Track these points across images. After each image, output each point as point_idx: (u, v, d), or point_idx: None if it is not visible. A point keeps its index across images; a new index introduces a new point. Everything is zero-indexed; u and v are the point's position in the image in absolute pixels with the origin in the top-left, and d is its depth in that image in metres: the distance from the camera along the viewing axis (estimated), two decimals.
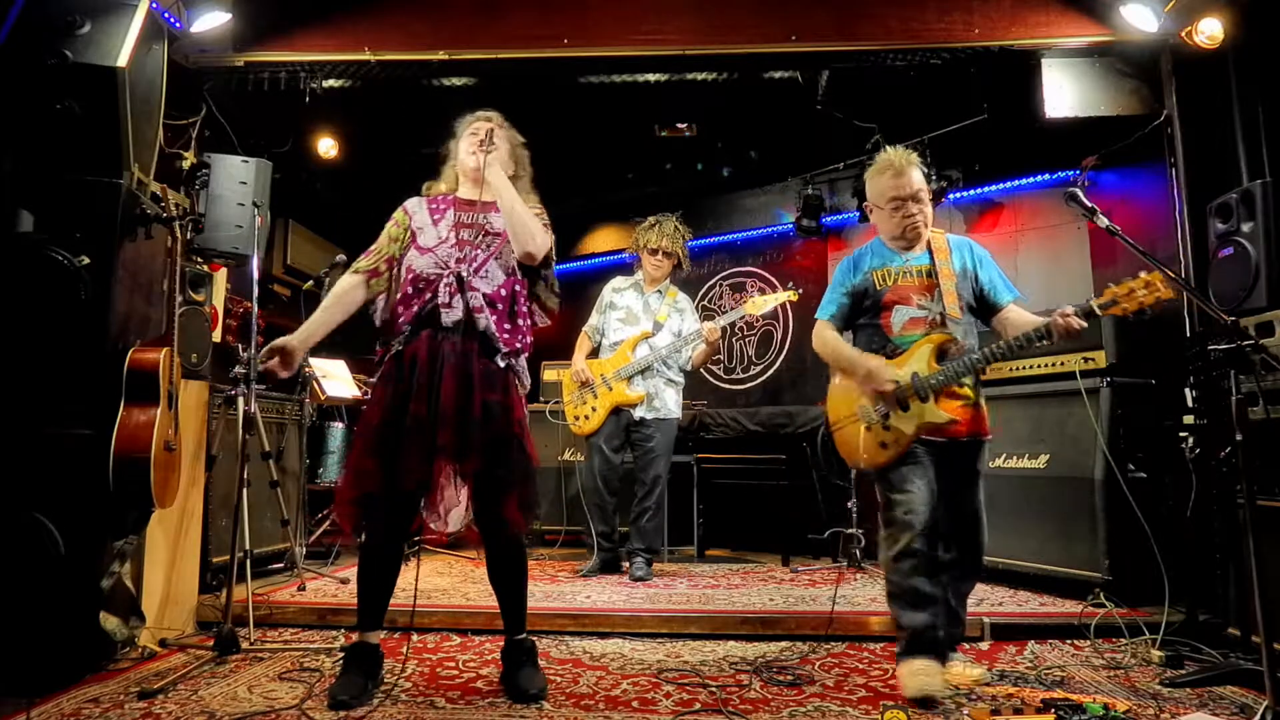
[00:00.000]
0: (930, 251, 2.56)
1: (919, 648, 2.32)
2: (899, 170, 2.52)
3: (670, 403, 4.14)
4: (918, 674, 2.27)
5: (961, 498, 2.47)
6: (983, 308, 2.58)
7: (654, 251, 4.17)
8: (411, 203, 2.50)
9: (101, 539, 2.57)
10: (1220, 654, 2.58)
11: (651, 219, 4.28)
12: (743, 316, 4.27)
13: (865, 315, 2.60)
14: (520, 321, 2.37)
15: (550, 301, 2.49)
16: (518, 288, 2.39)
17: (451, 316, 2.26)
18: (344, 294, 2.39)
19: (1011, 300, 2.55)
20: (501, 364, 2.32)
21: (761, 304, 4.10)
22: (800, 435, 4.67)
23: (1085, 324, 2.32)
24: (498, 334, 2.30)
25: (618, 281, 4.35)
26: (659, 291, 4.23)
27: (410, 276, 2.34)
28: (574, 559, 4.58)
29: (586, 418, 4.11)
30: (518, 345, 2.36)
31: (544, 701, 2.25)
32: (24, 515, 2.35)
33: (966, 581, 2.56)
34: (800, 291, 4.20)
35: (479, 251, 2.35)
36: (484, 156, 2.35)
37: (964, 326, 2.51)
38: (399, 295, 2.36)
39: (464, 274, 2.29)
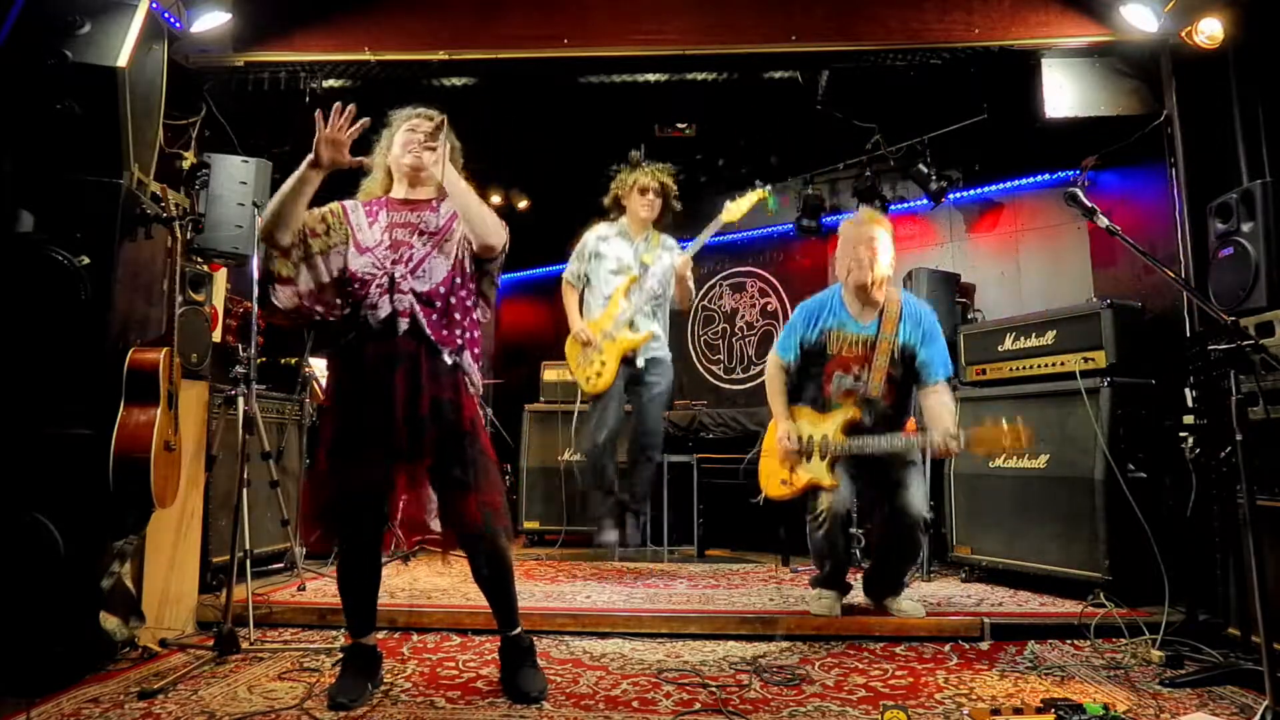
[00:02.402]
0: (880, 320, 2.91)
1: (825, 583, 3.09)
2: (861, 221, 3.01)
3: (666, 344, 4.02)
4: (822, 598, 3.05)
5: (887, 500, 2.93)
6: (913, 378, 2.94)
7: (644, 190, 3.94)
8: (347, 203, 2.42)
9: (101, 539, 2.57)
10: (1220, 654, 2.58)
11: (634, 161, 4.06)
12: (720, 228, 4.03)
13: (813, 366, 3.01)
14: (459, 317, 2.31)
15: (490, 294, 2.44)
16: (458, 281, 2.33)
17: (377, 316, 2.23)
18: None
19: (935, 382, 2.88)
20: (449, 361, 2.27)
21: (735, 210, 3.93)
22: None
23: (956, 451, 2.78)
24: (434, 333, 2.25)
25: (601, 229, 4.04)
26: (645, 238, 4.02)
27: (347, 274, 2.28)
28: (574, 559, 4.58)
29: (599, 374, 3.90)
30: (458, 343, 2.30)
31: (544, 702, 2.25)
32: (24, 515, 2.35)
33: (906, 563, 3.10)
34: (769, 188, 4.13)
35: (414, 251, 2.30)
36: (432, 154, 2.28)
37: (890, 398, 2.92)
38: (333, 295, 2.29)
39: (397, 275, 2.26)
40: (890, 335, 2.88)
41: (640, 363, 3.91)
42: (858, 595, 3.48)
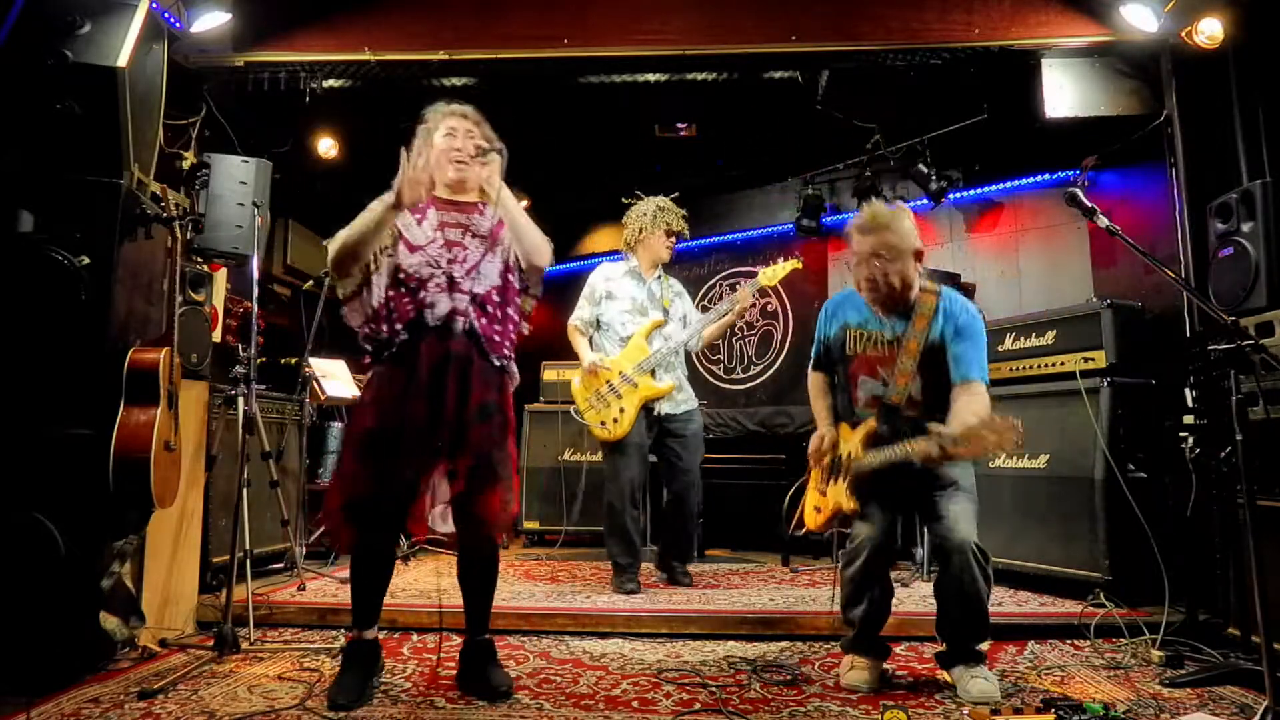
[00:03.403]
0: (911, 319, 2.46)
1: (857, 646, 2.48)
2: (865, 228, 2.47)
3: (692, 392, 3.98)
4: (854, 668, 2.46)
5: (929, 529, 2.54)
6: (947, 383, 2.43)
7: (671, 233, 3.94)
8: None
9: (101, 539, 2.57)
10: (1220, 654, 2.58)
11: (658, 200, 3.99)
12: (757, 289, 4.02)
13: (840, 372, 2.62)
14: (509, 326, 2.38)
15: (528, 305, 2.49)
16: (510, 279, 2.39)
17: (436, 314, 2.25)
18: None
19: (962, 381, 2.38)
20: (497, 364, 2.33)
21: (772, 275, 3.92)
22: (800, 435, 4.67)
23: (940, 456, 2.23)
24: (487, 336, 2.30)
25: (608, 269, 3.97)
26: (657, 277, 3.99)
27: (400, 275, 2.29)
28: (574, 559, 4.59)
29: (615, 420, 3.72)
30: (506, 350, 2.36)
31: (544, 702, 2.25)
32: (24, 515, 2.35)
33: (966, 609, 2.40)
34: (802, 260, 4.07)
35: (469, 253, 2.33)
36: (481, 169, 2.35)
37: (918, 408, 2.43)
38: (387, 294, 2.29)
39: (456, 275, 2.29)
40: (920, 334, 2.43)
41: (665, 411, 3.83)
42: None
